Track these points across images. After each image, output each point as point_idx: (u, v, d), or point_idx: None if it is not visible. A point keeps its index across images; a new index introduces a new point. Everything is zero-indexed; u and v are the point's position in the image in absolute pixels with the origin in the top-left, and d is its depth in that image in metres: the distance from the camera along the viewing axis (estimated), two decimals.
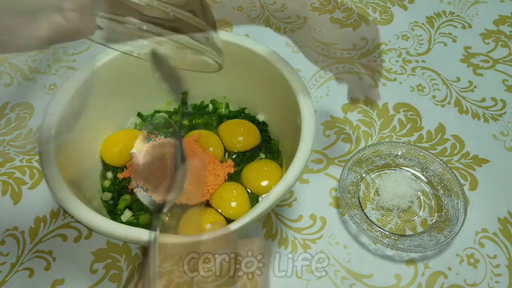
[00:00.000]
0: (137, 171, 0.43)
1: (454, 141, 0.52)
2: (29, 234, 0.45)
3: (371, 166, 0.49)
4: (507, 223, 0.46)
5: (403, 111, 0.55)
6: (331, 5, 0.70)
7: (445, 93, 0.58)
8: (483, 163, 0.51)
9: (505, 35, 0.65)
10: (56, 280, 0.42)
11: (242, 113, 0.50)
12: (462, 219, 0.42)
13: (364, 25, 0.66)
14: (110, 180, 0.44)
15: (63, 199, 0.33)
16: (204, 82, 0.47)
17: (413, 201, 0.46)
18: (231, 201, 0.41)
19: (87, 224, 0.32)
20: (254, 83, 0.45)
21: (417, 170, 0.49)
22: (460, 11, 0.69)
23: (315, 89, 0.58)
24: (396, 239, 0.43)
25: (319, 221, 0.46)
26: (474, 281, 0.42)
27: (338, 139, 0.53)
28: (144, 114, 0.49)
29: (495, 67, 0.61)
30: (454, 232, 0.42)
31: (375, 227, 0.44)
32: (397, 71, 0.60)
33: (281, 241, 0.44)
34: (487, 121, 0.55)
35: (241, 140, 0.46)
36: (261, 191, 0.43)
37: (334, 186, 0.48)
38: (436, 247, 0.41)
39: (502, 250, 0.44)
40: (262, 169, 0.44)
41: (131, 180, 0.43)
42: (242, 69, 0.44)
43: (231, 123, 0.48)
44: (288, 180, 0.34)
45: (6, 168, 0.50)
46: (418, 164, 0.48)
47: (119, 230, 0.31)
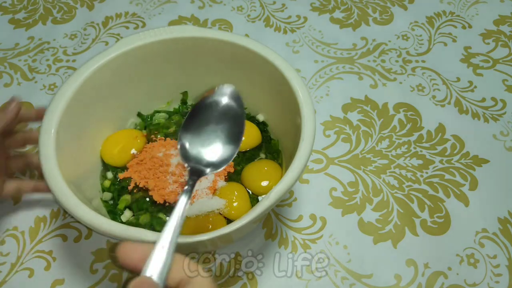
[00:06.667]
0: (137, 171, 0.43)
1: (454, 141, 0.52)
2: (29, 234, 0.44)
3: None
4: (507, 223, 0.46)
5: (403, 111, 0.55)
6: (331, 5, 0.70)
7: (445, 93, 0.58)
8: (483, 163, 0.51)
9: (505, 35, 0.65)
10: (56, 280, 0.42)
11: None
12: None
13: (364, 25, 0.67)
14: (110, 180, 0.44)
15: (63, 199, 0.33)
16: (203, 82, 0.47)
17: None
18: (232, 201, 0.41)
19: (88, 225, 0.32)
20: (254, 83, 0.45)
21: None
22: (460, 11, 0.69)
23: (315, 89, 0.58)
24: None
25: (319, 221, 0.46)
26: (474, 281, 0.42)
27: (338, 139, 0.53)
28: (144, 114, 0.49)
29: (495, 67, 0.61)
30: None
31: None
32: (397, 71, 0.60)
33: (281, 241, 0.44)
34: (487, 121, 0.55)
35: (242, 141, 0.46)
36: (261, 191, 0.43)
37: (334, 186, 0.48)
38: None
39: (502, 250, 0.44)
40: (263, 169, 0.44)
41: (131, 180, 0.43)
42: (242, 69, 0.44)
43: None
44: (288, 180, 0.34)
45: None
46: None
47: (120, 230, 0.31)
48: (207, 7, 0.68)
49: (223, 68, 0.45)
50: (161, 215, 0.42)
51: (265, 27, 0.65)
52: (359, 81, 0.59)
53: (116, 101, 0.45)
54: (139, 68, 0.44)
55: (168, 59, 0.44)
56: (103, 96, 0.42)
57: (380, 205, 0.47)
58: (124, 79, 0.44)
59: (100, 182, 0.44)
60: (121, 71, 0.42)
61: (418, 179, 0.49)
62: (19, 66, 0.60)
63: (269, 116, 0.48)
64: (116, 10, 0.68)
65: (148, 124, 0.48)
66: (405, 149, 0.52)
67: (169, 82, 0.48)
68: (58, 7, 0.69)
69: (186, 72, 0.47)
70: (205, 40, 0.43)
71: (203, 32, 0.43)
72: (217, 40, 0.42)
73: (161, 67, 0.45)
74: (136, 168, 0.43)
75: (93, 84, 0.40)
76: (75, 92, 0.38)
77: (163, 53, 0.44)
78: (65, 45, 0.63)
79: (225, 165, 0.34)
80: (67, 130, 0.37)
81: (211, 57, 0.44)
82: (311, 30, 0.65)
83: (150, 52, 0.43)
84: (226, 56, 0.44)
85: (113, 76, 0.42)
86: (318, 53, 0.62)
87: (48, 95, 0.57)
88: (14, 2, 0.69)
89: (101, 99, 0.42)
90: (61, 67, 0.60)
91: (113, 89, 0.43)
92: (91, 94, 0.40)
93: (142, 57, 0.43)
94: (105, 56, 0.41)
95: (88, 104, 0.41)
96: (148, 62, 0.44)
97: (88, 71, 0.40)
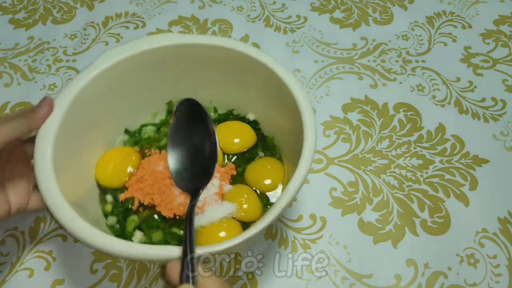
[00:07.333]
0: (139, 189, 0.41)
1: (454, 141, 0.52)
2: (29, 234, 0.45)
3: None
4: (507, 223, 0.46)
5: (403, 111, 0.55)
6: (331, 5, 0.70)
7: (445, 93, 0.58)
8: (483, 163, 0.51)
9: (505, 35, 0.65)
10: (56, 280, 0.42)
11: (231, 115, 0.49)
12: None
13: (364, 25, 0.67)
14: (111, 204, 0.42)
15: (70, 223, 0.31)
16: (188, 89, 0.45)
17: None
18: (242, 203, 0.41)
19: (107, 251, 0.30)
20: (241, 83, 0.44)
21: None
22: (460, 11, 0.69)
23: (315, 89, 0.58)
24: None
25: (319, 221, 0.46)
26: (474, 281, 0.42)
27: (338, 139, 0.53)
28: (131, 130, 0.47)
29: (495, 67, 0.61)
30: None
31: None
32: (397, 71, 0.60)
33: (281, 241, 0.44)
34: (487, 121, 0.55)
35: (237, 142, 0.46)
36: (266, 189, 0.43)
37: (334, 186, 0.48)
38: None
39: (502, 250, 0.44)
40: (265, 167, 0.44)
41: (134, 199, 0.41)
42: (229, 71, 0.43)
43: (225, 126, 0.47)
44: (302, 170, 0.35)
45: None
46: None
47: (150, 251, 0.29)
48: (207, 7, 0.68)
49: (206, 72, 0.44)
50: (174, 230, 0.40)
51: (265, 27, 0.65)
52: (359, 81, 0.59)
53: (103, 121, 0.43)
54: (121, 83, 0.41)
55: (150, 70, 0.43)
56: (90, 118, 0.40)
57: (380, 205, 0.47)
58: (109, 97, 0.41)
59: (101, 207, 0.42)
60: (104, 88, 0.40)
61: (418, 179, 0.49)
62: (19, 66, 0.60)
63: (260, 113, 0.47)
64: (116, 10, 0.68)
65: (138, 140, 0.46)
66: (405, 149, 0.52)
67: (153, 94, 0.46)
68: (58, 7, 0.69)
69: (169, 81, 0.45)
70: (185, 46, 0.41)
71: (181, 38, 0.41)
72: (197, 45, 0.41)
73: (143, 79, 0.43)
74: (137, 186, 0.41)
75: (78, 107, 0.37)
76: (63, 120, 0.36)
77: (145, 65, 0.42)
78: (65, 45, 0.63)
79: (211, 176, 0.39)
80: (61, 157, 0.35)
81: (192, 62, 0.43)
82: (311, 30, 0.65)
83: (130, 65, 0.41)
84: (207, 59, 0.43)
85: (97, 96, 0.40)
86: (318, 53, 0.62)
87: (48, 95, 0.57)
88: (14, 2, 0.69)
89: (88, 121, 0.40)
90: (61, 67, 0.60)
91: (98, 108, 0.41)
92: (79, 118, 0.38)
93: (123, 72, 0.41)
94: (86, 75, 0.38)
95: (76, 129, 0.38)
96: (130, 76, 0.42)
97: (72, 93, 0.37)
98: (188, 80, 0.46)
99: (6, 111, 0.55)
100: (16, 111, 0.45)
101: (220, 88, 0.46)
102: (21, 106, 0.56)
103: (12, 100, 0.56)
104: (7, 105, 0.56)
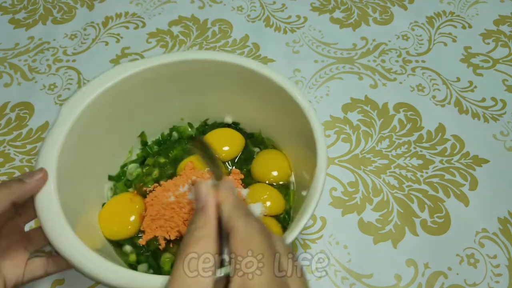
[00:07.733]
0: (159, 227, 0.39)
1: (454, 141, 0.52)
2: None
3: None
4: (507, 223, 0.46)
5: (403, 111, 0.55)
6: (331, 5, 0.70)
7: (445, 93, 0.58)
8: (483, 163, 0.51)
9: (505, 35, 0.65)
10: (56, 280, 0.42)
11: (206, 125, 0.48)
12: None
13: (364, 25, 0.67)
14: (134, 252, 0.39)
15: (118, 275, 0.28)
16: (157, 115, 0.44)
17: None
18: (265, 201, 0.41)
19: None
20: (214, 88, 0.43)
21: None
22: (460, 11, 0.69)
23: (315, 89, 0.58)
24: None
25: (319, 221, 0.46)
26: (474, 281, 0.42)
27: (338, 139, 0.53)
28: (114, 175, 0.44)
29: (495, 67, 0.61)
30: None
31: None
32: (397, 71, 0.60)
33: None
34: (487, 121, 0.55)
35: (227, 150, 0.45)
36: (279, 178, 0.43)
37: (334, 186, 0.48)
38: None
39: (502, 250, 0.44)
40: (270, 160, 0.45)
41: (158, 239, 0.38)
42: (196, 81, 0.42)
43: (210, 137, 0.46)
44: (322, 162, 0.35)
45: (6, 168, 0.50)
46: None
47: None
48: (207, 7, 0.68)
49: (177, 91, 0.43)
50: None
51: (265, 27, 0.65)
52: (359, 81, 0.59)
53: (90, 175, 0.40)
54: (97, 128, 0.39)
55: (118, 107, 0.40)
56: (77, 175, 0.37)
57: (380, 205, 0.47)
58: (90, 147, 0.39)
59: (124, 260, 0.39)
60: (85, 136, 0.37)
61: (418, 179, 0.49)
62: (19, 66, 0.60)
63: (238, 115, 0.47)
64: (116, 10, 0.68)
65: (130, 182, 0.44)
66: (405, 149, 0.52)
67: (124, 131, 0.44)
68: (58, 7, 0.69)
69: (138, 112, 0.43)
70: (147, 70, 0.39)
71: (135, 67, 0.39)
72: (158, 66, 0.40)
73: (111, 121, 0.40)
74: (155, 225, 0.39)
75: (68, 160, 0.35)
76: (57, 182, 0.33)
77: (111, 105, 0.39)
78: (65, 45, 0.63)
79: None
80: (72, 218, 0.33)
81: (159, 87, 0.42)
82: (311, 30, 0.65)
83: (95, 111, 0.38)
84: (176, 75, 0.41)
85: (81, 150, 0.37)
86: (318, 53, 0.62)
87: (48, 95, 0.57)
88: (14, 2, 0.69)
89: (76, 178, 0.37)
90: (61, 67, 0.60)
91: (83, 160, 0.38)
92: (68, 174, 0.35)
93: (90, 122, 0.37)
94: (63, 125, 0.35)
95: (65, 188, 0.34)
96: (98, 122, 0.39)
97: (59, 142, 0.34)
98: (158, 106, 0.44)
99: (6, 111, 0.55)
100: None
101: (188, 102, 0.45)
102: (21, 106, 0.56)
103: (12, 100, 0.56)
104: (7, 105, 0.56)
